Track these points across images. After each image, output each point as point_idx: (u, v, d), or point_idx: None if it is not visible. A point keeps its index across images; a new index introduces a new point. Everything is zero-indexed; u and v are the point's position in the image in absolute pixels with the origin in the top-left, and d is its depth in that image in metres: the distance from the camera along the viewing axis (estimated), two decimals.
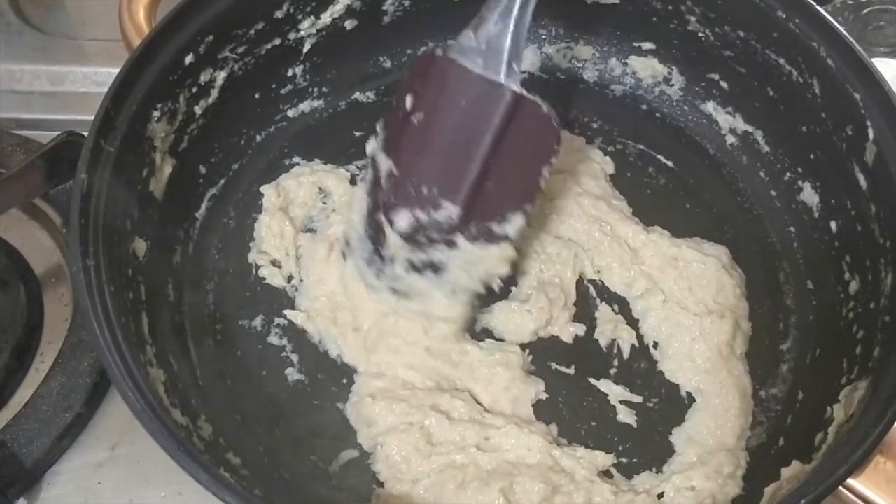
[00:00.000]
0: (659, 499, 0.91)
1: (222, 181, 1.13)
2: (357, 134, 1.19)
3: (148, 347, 0.91)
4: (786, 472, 0.84)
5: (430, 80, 0.92)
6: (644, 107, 1.23)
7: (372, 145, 0.99)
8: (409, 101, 0.94)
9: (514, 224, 0.95)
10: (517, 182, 0.94)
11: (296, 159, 1.17)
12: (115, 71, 1.27)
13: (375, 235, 0.99)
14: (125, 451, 1.02)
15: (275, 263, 1.09)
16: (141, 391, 0.75)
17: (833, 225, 1.04)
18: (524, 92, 0.88)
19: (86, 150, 0.87)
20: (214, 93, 1.06)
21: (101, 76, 1.34)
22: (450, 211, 0.94)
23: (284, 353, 1.03)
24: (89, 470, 1.01)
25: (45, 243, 1.20)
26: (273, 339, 1.04)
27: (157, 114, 0.97)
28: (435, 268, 0.98)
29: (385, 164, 0.96)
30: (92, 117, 1.21)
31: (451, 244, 0.96)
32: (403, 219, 0.96)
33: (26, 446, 0.99)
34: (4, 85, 1.33)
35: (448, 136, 0.93)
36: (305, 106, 1.20)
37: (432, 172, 0.94)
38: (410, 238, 0.96)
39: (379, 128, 0.98)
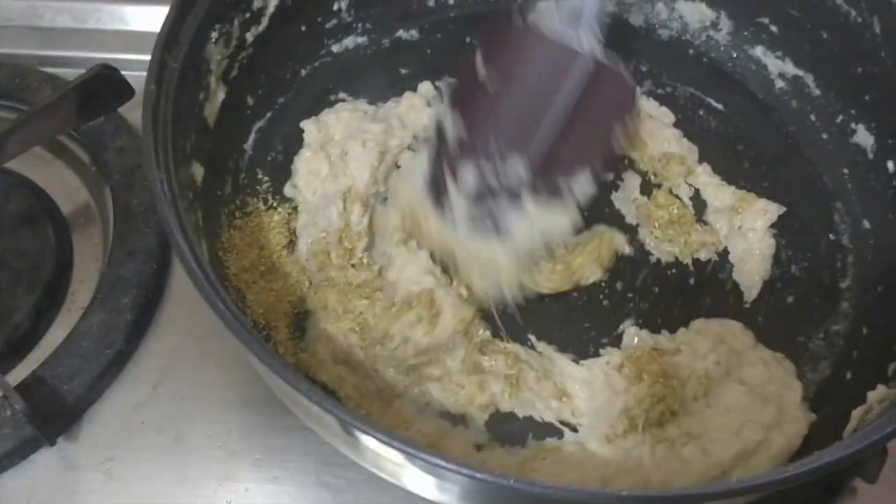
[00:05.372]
0: None
1: (269, 114, 1.10)
2: (402, 72, 1.18)
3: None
4: (873, 395, 0.83)
5: (506, 47, 0.93)
6: (691, 51, 1.22)
7: (438, 110, 0.99)
8: (483, 67, 0.94)
9: (581, 183, 0.94)
10: (588, 141, 0.95)
11: (341, 95, 1.15)
12: (142, 8, 1.27)
13: (437, 198, 0.98)
14: (167, 389, 0.99)
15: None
16: (225, 302, 0.72)
17: (890, 164, 1.04)
18: (604, 58, 0.90)
19: (153, 64, 0.84)
20: (265, 21, 1.04)
21: (127, 14, 1.30)
22: (518, 162, 0.93)
23: None
24: (131, 408, 0.97)
25: (72, 183, 1.17)
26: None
27: (214, 35, 0.95)
28: (497, 229, 0.96)
29: (453, 127, 0.96)
30: (117, 56, 1.22)
31: (515, 199, 0.94)
32: (469, 172, 0.94)
33: (67, 382, 0.96)
34: (26, 21, 1.29)
35: (522, 101, 0.93)
36: (349, 42, 1.18)
37: (503, 131, 0.94)
38: (475, 194, 0.95)
39: (446, 93, 0.98)
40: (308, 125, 1.10)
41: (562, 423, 0.92)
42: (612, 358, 0.94)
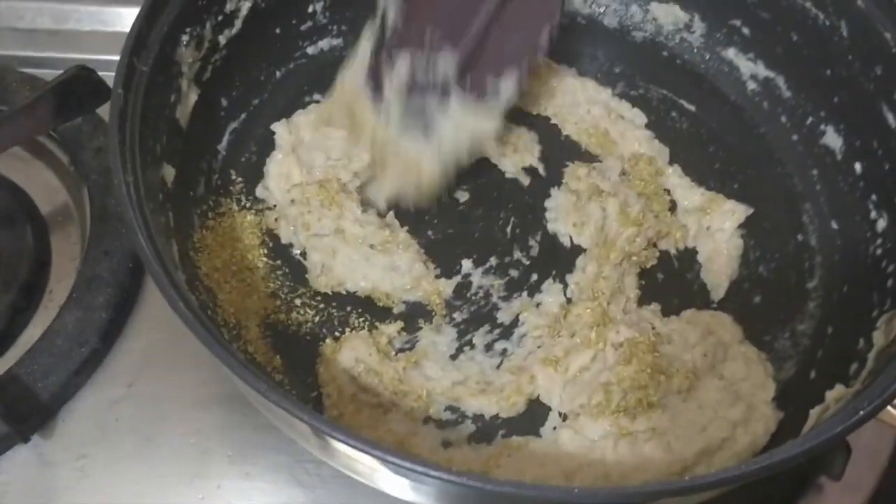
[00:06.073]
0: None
1: (243, 115, 1.11)
2: None
3: (178, 273, 0.88)
4: (831, 394, 0.84)
5: None
6: (665, 53, 1.23)
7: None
8: None
9: (508, 84, 1.01)
10: (516, 42, 1.01)
11: (316, 97, 1.15)
12: (121, 10, 1.28)
13: (375, 86, 1.02)
14: (142, 389, 0.99)
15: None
16: (189, 304, 0.73)
17: (857, 166, 1.05)
18: None
19: (120, 68, 0.85)
20: (238, 23, 1.05)
21: (106, 15, 1.31)
22: (448, 56, 0.99)
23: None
24: (105, 407, 0.98)
25: (51, 183, 1.18)
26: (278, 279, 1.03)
27: (185, 38, 0.96)
28: (425, 126, 1.01)
29: (394, 15, 1.01)
30: (97, 57, 1.23)
31: (443, 97, 1.00)
32: (403, 64, 1.00)
33: (41, 380, 0.96)
34: (5, 22, 1.29)
35: None
36: (325, 44, 1.19)
37: (436, 23, 0.99)
38: (407, 89, 1.00)
39: None
40: (279, 127, 1.10)
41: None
42: (618, 332, 0.95)
